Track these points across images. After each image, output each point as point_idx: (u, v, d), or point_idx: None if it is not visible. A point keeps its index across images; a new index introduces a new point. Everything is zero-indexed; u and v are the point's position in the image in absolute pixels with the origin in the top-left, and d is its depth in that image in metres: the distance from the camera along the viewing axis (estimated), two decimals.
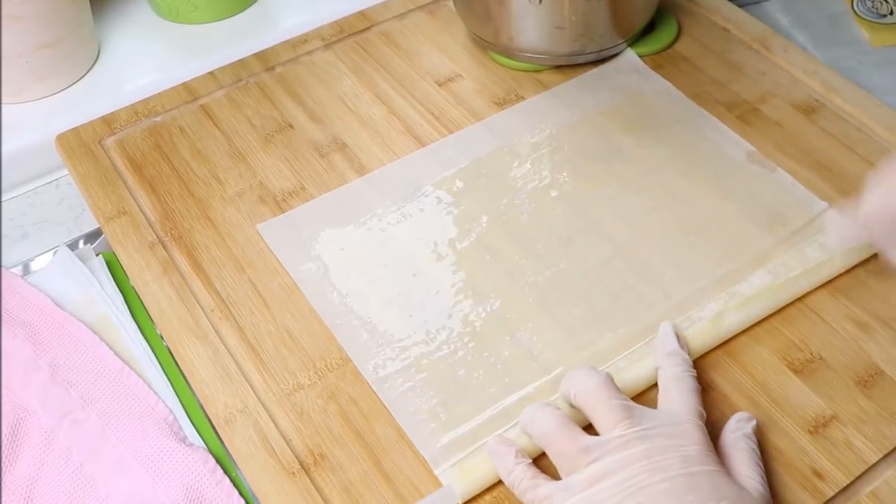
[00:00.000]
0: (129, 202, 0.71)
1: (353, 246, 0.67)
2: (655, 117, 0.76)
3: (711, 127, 0.75)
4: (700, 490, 0.48)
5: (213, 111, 0.78)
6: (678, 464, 0.48)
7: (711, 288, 0.63)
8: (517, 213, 0.69)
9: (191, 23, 0.90)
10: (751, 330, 0.61)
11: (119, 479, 0.57)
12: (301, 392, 0.60)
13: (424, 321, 0.63)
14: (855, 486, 0.54)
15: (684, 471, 0.48)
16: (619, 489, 0.48)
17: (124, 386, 0.61)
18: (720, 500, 0.48)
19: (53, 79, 0.82)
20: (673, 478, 0.48)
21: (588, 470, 0.49)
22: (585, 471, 0.49)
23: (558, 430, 0.52)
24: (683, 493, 0.47)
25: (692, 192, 0.70)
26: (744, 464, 0.52)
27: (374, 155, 0.74)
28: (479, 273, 0.65)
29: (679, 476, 0.48)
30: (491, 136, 0.75)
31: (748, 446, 0.53)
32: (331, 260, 0.67)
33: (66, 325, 0.64)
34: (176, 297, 0.65)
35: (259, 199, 0.71)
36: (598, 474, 0.49)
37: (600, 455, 0.49)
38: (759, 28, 0.84)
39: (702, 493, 0.48)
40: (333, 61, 0.83)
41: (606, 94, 0.78)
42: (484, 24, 0.80)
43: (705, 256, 0.65)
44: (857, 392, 0.58)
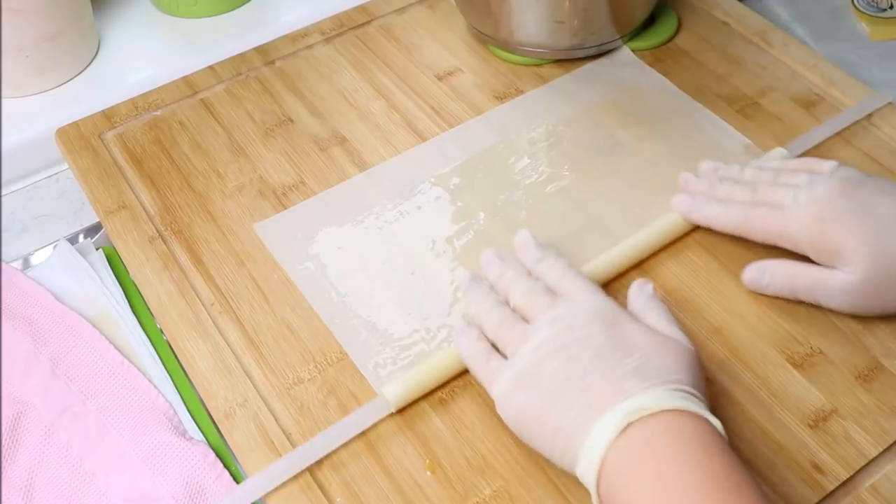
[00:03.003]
0: (129, 196, 0.71)
1: (350, 244, 0.67)
2: (652, 111, 0.76)
3: (708, 121, 0.75)
4: (626, 344, 0.52)
5: (213, 105, 0.78)
6: (603, 328, 0.53)
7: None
8: (515, 209, 0.69)
9: (191, 17, 0.90)
10: (750, 324, 0.61)
11: (119, 472, 0.57)
12: (301, 386, 0.60)
13: (424, 318, 0.63)
14: (855, 479, 0.55)
15: (609, 331, 0.53)
16: (552, 355, 0.53)
17: (124, 380, 0.61)
18: (647, 348, 0.52)
19: (53, 73, 0.82)
20: (601, 341, 0.53)
21: (526, 347, 0.54)
22: (524, 348, 0.54)
23: (502, 323, 0.57)
24: (612, 350, 0.52)
25: None
26: (659, 320, 0.56)
27: (374, 149, 0.74)
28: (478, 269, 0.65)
29: (605, 337, 0.53)
30: (489, 130, 0.75)
31: (656, 304, 0.57)
32: (328, 259, 0.66)
33: (66, 319, 0.64)
34: (176, 291, 0.65)
35: (259, 193, 0.71)
36: (534, 348, 0.54)
37: (535, 334, 0.54)
38: (759, 22, 0.84)
39: (628, 346, 0.52)
40: (333, 55, 0.83)
41: (603, 88, 0.78)
42: (484, 18, 0.80)
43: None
44: (857, 386, 0.58)
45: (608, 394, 0.50)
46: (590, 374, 0.51)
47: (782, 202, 0.61)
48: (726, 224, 0.64)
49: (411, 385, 0.58)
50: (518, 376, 0.53)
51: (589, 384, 0.51)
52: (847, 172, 0.61)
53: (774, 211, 0.61)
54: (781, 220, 0.61)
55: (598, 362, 0.51)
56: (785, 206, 0.61)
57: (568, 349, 0.53)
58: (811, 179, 0.61)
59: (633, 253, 0.65)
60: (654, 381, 0.50)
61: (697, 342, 0.60)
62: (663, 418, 0.48)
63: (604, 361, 0.51)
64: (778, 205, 0.61)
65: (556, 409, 0.51)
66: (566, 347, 0.53)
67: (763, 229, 0.62)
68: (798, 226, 0.60)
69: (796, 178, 0.62)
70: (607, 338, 0.53)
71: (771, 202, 0.62)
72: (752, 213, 0.62)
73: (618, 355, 0.52)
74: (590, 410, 0.50)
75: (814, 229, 0.59)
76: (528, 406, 0.52)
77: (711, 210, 0.65)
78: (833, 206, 0.59)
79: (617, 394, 0.50)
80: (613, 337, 0.53)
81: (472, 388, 0.59)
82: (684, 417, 0.48)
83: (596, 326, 0.53)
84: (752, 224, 0.62)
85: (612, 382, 0.50)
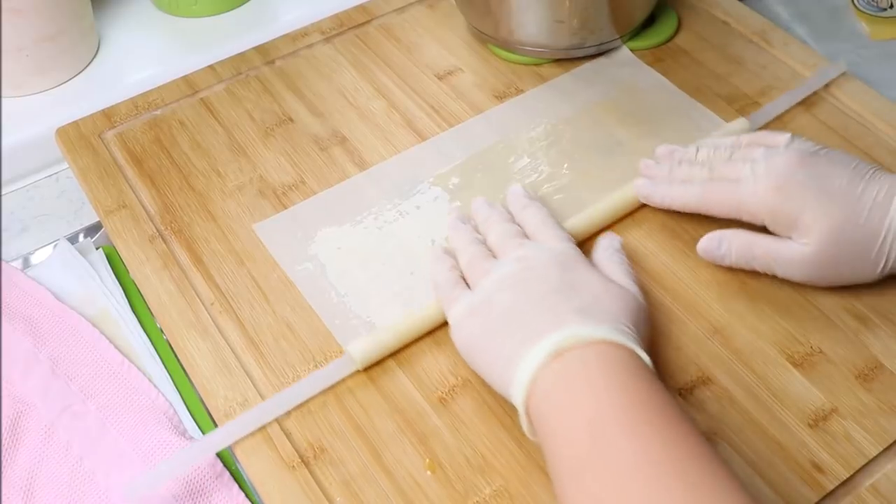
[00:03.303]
0: (129, 196, 0.71)
1: (350, 244, 0.67)
2: (650, 110, 0.76)
3: (707, 119, 0.74)
4: (578, 285, 0.55)
5: (213, 105, 0.78)
6: (560, 270, 0.57)
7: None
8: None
9: (191, 16, 0.90)
10: (750, 323, 0.61)
11: (119, 472, 0.57)
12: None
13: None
14: (855, 479, 0.55)
15: (565, 273, 0.56)
16: (507, 288, 0.56)
17: (124, 379, 0.61)
18: (597, 293, 0.55)
19: (53, 72, 0.82)
20: (555, 281, 0.56)
21: (487, 279, 0.57)
22: (485, 280, 0.57)
23: (473, 257, 0.60)
24: (563, 289, 0.55)
25: None
26: (618, 272, 0.59)
27: (374, 148, 0.74)
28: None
29: (560, 278, 0.56)
30: (488, 129, 0.75)
31: (619, 259, 0.60)
32: (328, 259, 0.66)
33: (66, 318, 0.64)
34: (176, 291, 0.65)
35: (259, 192, 0.71)
36: (493, 281, 0.57)
37: (497, 269, 0.58)
38: (759, 22, 0.84)
39: (579, 288, 0.55)
40: (333, 55, 0.83)
41: (602, 87, 0.78)
42: (484, 18, 0.80)
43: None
44: (857, 385, 0.58)
45: (549, 324, 0.52)
46: (536, 307, 0.54)
47: (740, 176, 0.62)
48: (687, 203, 0.65)
49: (377, 343, 0.60)
50: (473, 305, 0.57)
51: (534, 316, 0.54)
52: (802, 144, 0.62)
53: (732, 185, 0.62)
54: (739, 193, 0.61)
55: (547, 298, 0.54)
56: (742, 179, 0.62)
57: (523, 284, 0.56)
58: (767, 153, 0.62)
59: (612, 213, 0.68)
60: (596, 319, 0.52)
61: (697, 341, 0.61)
62: (597, 347, 0.51)
63: (553, 298, 0.54)
64: (736, 179, 0.62)
65: (500, 336, 0.54)
66: (522, 283, 0.56)
67: (722, 204, 0.63)
68: (756, 198, 0.61)
69: (753, 153, 0.63)
70: (562, 278, 0.56)
71: (729, 177, 0.63)
72: (711, 189, 0.63)
73: (567, 294, 0.54)
74: (529, 337, 0.52)
75: (771, 200, 0.60)
76: (476, 332, 0.56)
77: (671, 191, 0.66)
78: (790, 178, 0.60)
79: (557, 324, 0.52)
80: (567, 279, 0.56)
81: (471, 387, 0.59)
82: (617, 348, 0.51)
83: (554, 268, 0.57)
84: (711, 200, 0.63)
85: (555, 315, 0.53)
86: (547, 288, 0.55)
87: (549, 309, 0.54)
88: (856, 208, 0.58)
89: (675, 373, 0.59)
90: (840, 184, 0.59)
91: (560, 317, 0.53)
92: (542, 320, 0.53)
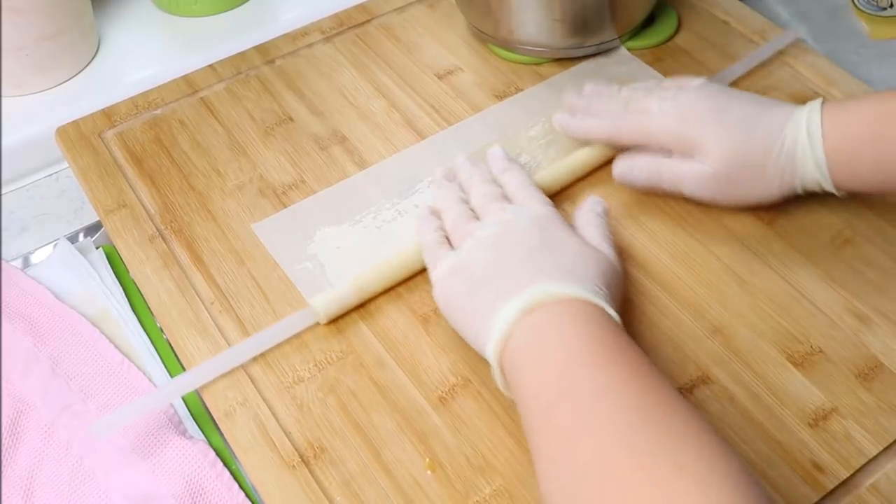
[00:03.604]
0: (129, 195, 0.71)
1: (349, 244, 0.67)
2: None
3: None
4: (555, 246, 0.57)
5: (213, 104, 0.78)
6: (539, 231, 0.58)
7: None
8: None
9: (191, 15, 0.90)
10: (750, 323, 0.61)
11: (119, 471, 0.57)
12: (301, 385, 0.60)
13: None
14: (855, 478, 0.55)
15: (543, 234, 0.58)
16: (487, 249, 0.57)
17: (124, 378, 0.61)
18: (572, 253, 0.56)
19: (53, 71, 0.82)
20: (534, 242, 0.57)
21: (469, 240, 0.59)
22: (468, 241, 0.59)
23: (458, 217, 0.61)
24: (540, 249, 0.56)
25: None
26: (596, 236, 0.60)
27: (374, 148, 0.74)
28: None
29: (539, 239, 0.57)
30: (487, 128, 0.75)
31: (599, 223, 0.62)
32: (327, 258, 0.66)
33: (66, 317, 0.64)
34: (176, 290, 0.65)
35: (259, 191, 0.71)
36: (475, 242, 0.58)
37: (479, 231, 0.59)
38: (758, 21, 0.84)
39: (556, 248, 0.57)
40: (333, 54, 0.83)
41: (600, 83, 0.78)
42: (483, 17, 0.80)
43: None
44: (857, 385, 0.58)
45: (523, 281, 0.54)
46: (514, 266, 0.55)
47: (649, 109, 0.66)
48: (600, 134, 0.69)
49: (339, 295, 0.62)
50: (454, 265, 0.58)
51: (510, 274, 0.55)
52: (712, 85, 0.67)
53: (641, 115, 0.66)
54: (647, 122, 0.66)
55: (524, 257, 0.56)
56: (651, 111, 0.66)
57: (502, 245, 0.57)
58: (678, 91, 0.66)
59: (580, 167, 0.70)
60: (569, 278, 0.54)
61: (697, 340, 0.61)
62: (568, 303, 0.52)
63: (530, 258, 0.56)
64: (645, 111, 0.66)
65: (479, 294, 0.55)
66: (501, 244, 0.57)
67: (631, 133, 0.67)
68: (662, 126, 0.65)
69: (666, 92, 0.67)
70: (540, 240, 0.57)
71: (639, 110, 0.67)
72: (622, 120, 0.67)
73: (544, 254, 0.56)
74: (503, 294, 0.54)
75: (676, 127, 0.64)
76: (456, 290, 0.57)
77: (587, 123, 0.70)
78: (693, 108, 0.65)
79: (530, 282, 0.54)
80: (545, 240, 0.57)
81: (471, 386, 0.59)
82: (587, 305, 0.52)
83: (533, 230, 0.58)
84: (621, 130, 0.67)
85: (529, 273, 0.55)
86: (525, 249, 0.57)
87: (525, 268, 0.55)
88: (752, 130, 0.62)
89: (674, 372, 0.59)
90: (739, 112, 0.64)
91: (534, 275, 0.54)
92: (517, 278, 0.54)
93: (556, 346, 0.50)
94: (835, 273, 0.64)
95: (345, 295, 0.62)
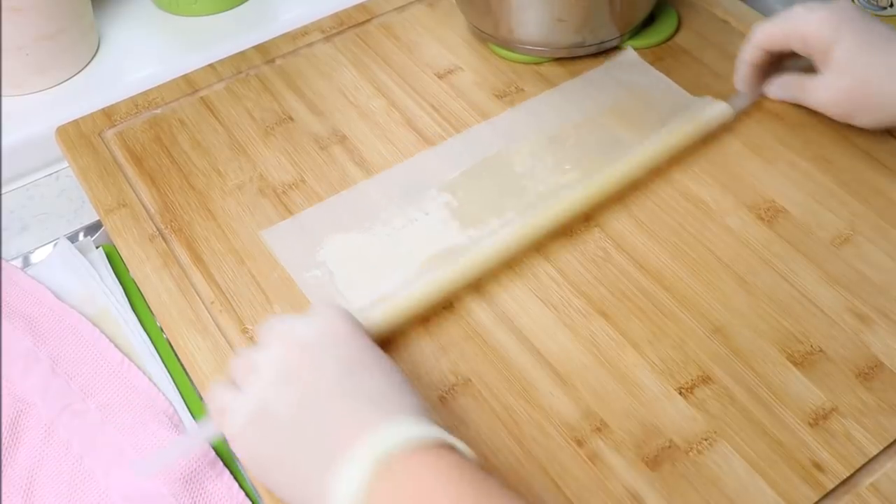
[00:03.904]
0: (129, 194, 0.71)
1: (358, 252, 0.66)
2: (659, 113, 0.75)
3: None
4: (365, 367, 0.50)
5: (213, 103, 0.78)
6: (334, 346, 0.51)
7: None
8: (525, 213, 0.67)
9: (191, 15, 0.90)
10: (751, 322, 0.61)
11: (119, 470, 0.57)
12: None
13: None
14: (855, 478, 0.54)
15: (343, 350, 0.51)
16: (284, 384, 0.49)
17: (124, 378, 0.61)
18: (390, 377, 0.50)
19: (53, 71, 0.82)
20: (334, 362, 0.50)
21: (254, 375, 0.50)
22: (252, 376, 0.50)
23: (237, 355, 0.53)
24: (350, 375, 0.49)
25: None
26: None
27: (374, 147, 0.74)
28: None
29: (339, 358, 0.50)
30: (495, 135, 0.74)
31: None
32: (336, 266, 0.66)
33: (66, 317, 0.64)
34: (176, 290, 0.65)
35: (259, 191, 0.71)
36: (263, 376, 0.50)
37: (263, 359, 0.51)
38: (759, 20, 0.83)
39: (369, 370, 0.50)
40: (333, 54, 0.83)
41: (612, 91, 0.77)
42: (484, 17, 0.80)
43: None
44: (858, 384, 0.58)
45: (350, 431, 0.47)
46: (327, 407, 0.48)
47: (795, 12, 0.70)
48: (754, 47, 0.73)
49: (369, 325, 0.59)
50: (250, 411, 0.49)
51: (328, 419, 0.48)
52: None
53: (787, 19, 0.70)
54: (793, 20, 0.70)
55: (335, 388, 0.49)
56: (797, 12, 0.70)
57: (300, 374, 0.49)
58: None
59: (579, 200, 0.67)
60: (402, 411, 0.48)
61: (697, 340, 0.60)
62: (420, 455, 0.45)
63: (342, 387, 0.49)
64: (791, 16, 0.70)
65: (297, 452, 0.48)
66: (297, 372, 0.50)
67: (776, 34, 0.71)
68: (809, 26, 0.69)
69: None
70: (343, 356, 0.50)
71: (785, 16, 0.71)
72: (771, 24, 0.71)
73: (356, 379, 0.49)
74: (334, 452, 0.46)
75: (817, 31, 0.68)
76: (265, 447, 0.49)
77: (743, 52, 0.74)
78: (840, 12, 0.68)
79: (359, 430, 0.46)
80: (350, 356, 0.51)
81: (472, 386, 0.59)
82: (440, 450, 0.46)
83: (330, 342, 0.51)
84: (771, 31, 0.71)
85: (351, 415, 0.48)
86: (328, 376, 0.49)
87: (341, 407, 0.48)
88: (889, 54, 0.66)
89: (675, 371, 0.59)
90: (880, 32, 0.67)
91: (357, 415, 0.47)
92: (340, 425, 0.47)
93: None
94: (835, 273, 0.64)
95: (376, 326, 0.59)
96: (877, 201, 0.68)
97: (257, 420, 0.49)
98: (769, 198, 0.69)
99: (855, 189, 0.69)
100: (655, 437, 0.56)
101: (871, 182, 0.69)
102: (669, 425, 0.57)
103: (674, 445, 0.56)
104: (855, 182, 0.69)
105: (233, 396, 0.51)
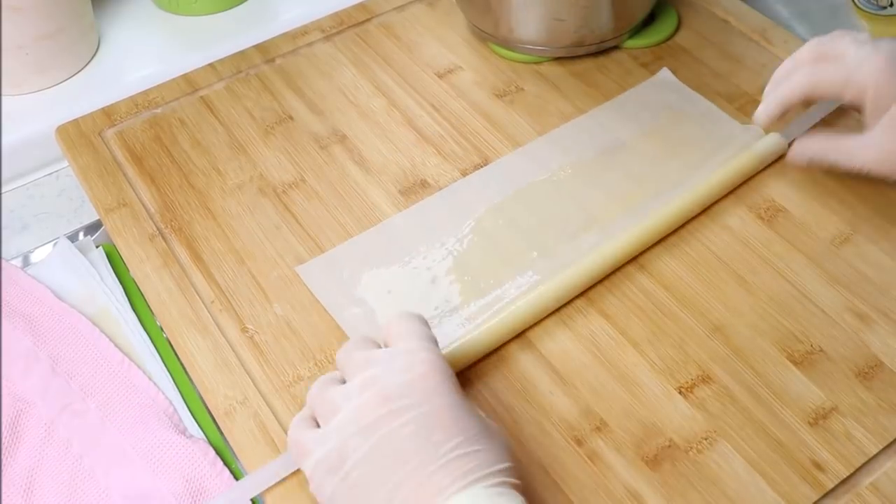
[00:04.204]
0: (129, 194, 0.71)
1: (400, 287, 0.64)
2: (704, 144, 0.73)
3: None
4: (444, 427, 0.47)
5: (213, 103, 0.78)
6: (417, 402, 0.48)
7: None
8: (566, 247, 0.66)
9: (191, 14, 0.90)
10: (751, 321, 0.61)
11: (119, 470, 0.57)
12: (301, 384, 0.60)
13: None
14: (855, 477, 0.54)
15: (425, 407, 0.48)
16: (361, 434, 0.48)
17: (124, 377, 0.61)
18: (467, 434, 0.47)
19: (53, 70, 0.82)
20: (414, 418, 0.47)
21: (335, 418, 0.49)
22: (333, 419, 0.49)
23: (319, 387, 0.52)
24: (428, 434, 0.47)
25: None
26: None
27: (374, 146, 0.74)
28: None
29: (420, 415, 0.47)
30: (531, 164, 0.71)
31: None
32: (377, 303, 0.63)
33: (66, 316, 0.64)
34: (176, 289, 0.65)
35: (259, 190, 0.71)
36: (342, 422, 0.49)
37: (344, 403, 0.49)
38: (759, 20, 0.83)
39: (447, 430, 0.47)
40: (333, 53, 0.83)
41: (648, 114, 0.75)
42: (483, 16, 0.80)
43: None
44: (857, 384, 0.58)
45: (423, 499, 0.45)
46: (402, 464, 0.46)
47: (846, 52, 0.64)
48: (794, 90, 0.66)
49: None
50: (327, 456, 0.48)
51: (401, 478, 0.46)
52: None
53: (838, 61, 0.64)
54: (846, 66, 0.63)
55: (411, 447, 0.47)
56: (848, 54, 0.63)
57: (379, 426, 0.48)
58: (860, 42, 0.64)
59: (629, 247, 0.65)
60: (475, 474, 0.46)
61: (698, 339, 0.60)
62: None
63: (419, 446, 0.47)
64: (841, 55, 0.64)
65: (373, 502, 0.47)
66: (377, 424, 0.48)
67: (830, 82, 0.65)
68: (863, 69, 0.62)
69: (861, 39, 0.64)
70: (424, 414, 0.48)
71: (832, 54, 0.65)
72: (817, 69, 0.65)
73: (434, 439, 0.47)
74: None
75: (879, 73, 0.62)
76: (339, 495, 0.48)
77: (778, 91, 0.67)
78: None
79: (430, 500, 0.45)
80: (432, 413, 0.48)
81: (471, 386, 0.59)
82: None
83: (415, 396, 0.48)
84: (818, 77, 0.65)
85: (427, 477, 0.46)
86: (409, 430, 0.47)
87: (417, 467, 0.46)
88: None
89: (675, 371, 0.59)
90: None
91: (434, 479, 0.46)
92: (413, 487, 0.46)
93: None
94: (835, 272, 0.64)
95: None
96: (877, 201, 0.68)
97: (333, 467, 0.48)
98: (769, 197, 0.69)
99: (855, 189, 0.69)
100: (655, 437, 0.56)
101: (871, 182, 0.69)
102: (669, 424, 0.57)
103: (674, 445, 0.56)
104: (855, 182, 0.69)
105: (312, 436, 0.50)
